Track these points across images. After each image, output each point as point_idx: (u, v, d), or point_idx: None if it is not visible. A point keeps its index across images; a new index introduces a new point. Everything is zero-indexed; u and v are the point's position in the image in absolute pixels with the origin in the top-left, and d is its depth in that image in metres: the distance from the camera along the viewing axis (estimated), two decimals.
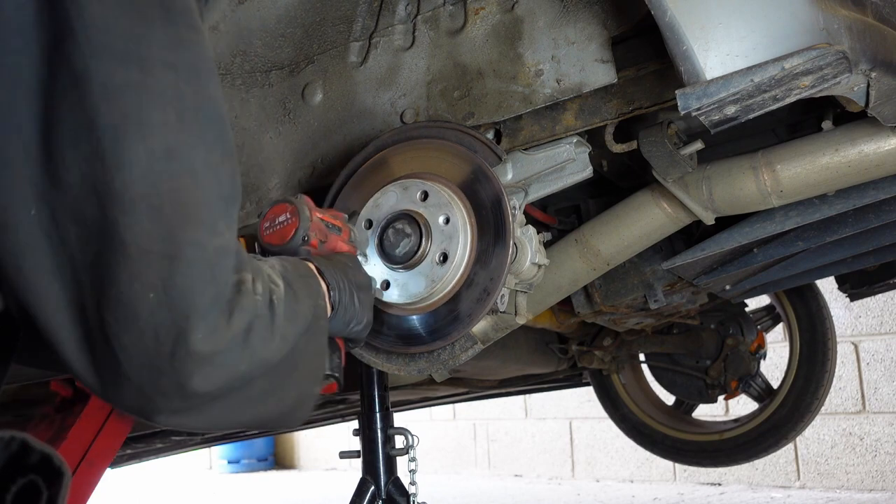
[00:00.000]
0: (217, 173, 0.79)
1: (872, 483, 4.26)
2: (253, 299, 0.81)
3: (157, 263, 0.73)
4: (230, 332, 0.78)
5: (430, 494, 2.45)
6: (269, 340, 0.83)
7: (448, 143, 1.41)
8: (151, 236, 0.73)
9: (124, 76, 0.73)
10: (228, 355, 0.78)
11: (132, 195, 0.72)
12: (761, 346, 2.77)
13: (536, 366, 2.58)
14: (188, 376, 0.75)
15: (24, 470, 0.74)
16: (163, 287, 0.73)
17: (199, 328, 0.75)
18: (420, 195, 1.38)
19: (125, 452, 2.98)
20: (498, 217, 1.34)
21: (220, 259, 0.78)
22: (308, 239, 1.20)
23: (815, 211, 1.61)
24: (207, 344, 0.75)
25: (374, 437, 2.15)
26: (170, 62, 0.76)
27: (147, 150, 0.73)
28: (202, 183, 0.77)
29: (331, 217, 1.28)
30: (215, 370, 0.77)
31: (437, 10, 1.51)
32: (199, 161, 0.77)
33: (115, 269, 0.72)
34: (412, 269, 1.36)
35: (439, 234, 1.35)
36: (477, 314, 1.34)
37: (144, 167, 0.73)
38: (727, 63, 1.10)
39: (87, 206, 0.72)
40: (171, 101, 0.76)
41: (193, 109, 0.78)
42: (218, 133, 0.80)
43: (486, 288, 1.34)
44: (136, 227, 0.72)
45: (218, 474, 7.88)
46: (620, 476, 5.27)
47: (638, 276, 1.98)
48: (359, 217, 1.42)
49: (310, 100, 1.62)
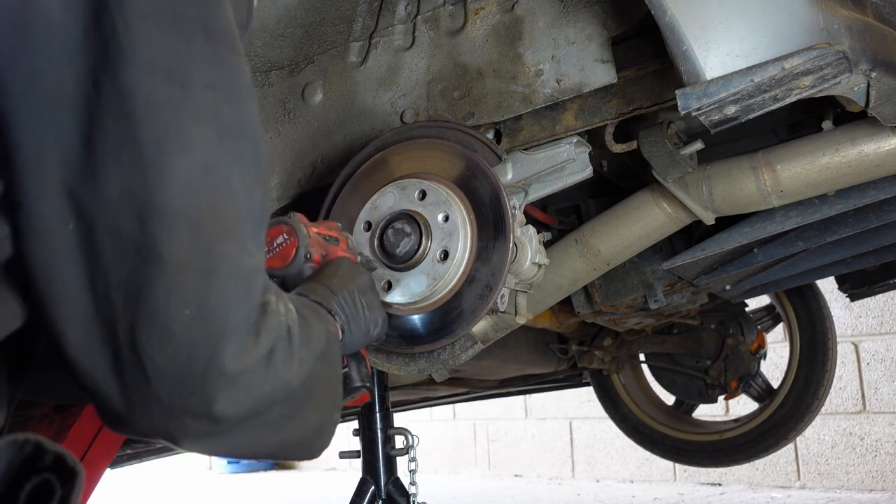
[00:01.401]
0: (251, 194, 0.80)
1: (872, 483, 4.25)
2: (278, 320, 0.82)
3: (194, 278, 0.74)
4: (257, 352, 0.78)
5: (430, 494, 2.45)
6: (290, 362, 0.83)
7: (444, 141, 1.41)
8: (190, 251, 0.74)
9: (167, 93, 0.75)
10: (253, 376, 0.78)
11: (172, 209, 0.73)
12: (761, 346, 2.77)
13: (536, 366, 2.58)
14: (216, 396, 0.76)
15: (39, 470, 0.74)
16: (198, 303, 0.74)
17: (231, 346, 0.75)
18: (418, 194, 1.38)
19: (125, 452, 2.98)
20: (497, 213, 1.34)
21: (253, 278, 0.79)
22: (310, 256, 1.19)
23: (815, 211, 1.61)
24: (236, 363, 0.76)
25: (374, 437, 2.15)
26: (210, 82, 0.78)
27: (187, 165, 0.74)
28: (237, 201, 0.78)
29: (326, 229, 1.27)
30: (241, 390, 0.77)
31: (437, 10, 1.51)
32: (235, 179, 0.78)
33: (152, 284, 0.73)
34: (413, 268, 1.36)
35: (439, 231, 1.35)
36: (480, 310, 1.34)
37: (185, 182, 0.74)
38: (727, 63, 1.10)
39: (126, 220, 0.72)
40: (211, 120, 0.77)
41: (232, 129, 0.79)
42: (254, 154, 0.82)
43: (488, 284, 1.33)
44: (174, 241, 0.73)
45: (218, 474, 7.88)
46: (620, 476, 5.27)
47: (638, 276, 1.98)
48: (357, 219, 1.42)
49: (310, 100, 1.62)
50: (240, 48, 0.83)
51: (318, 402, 0.93)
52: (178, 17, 0.77)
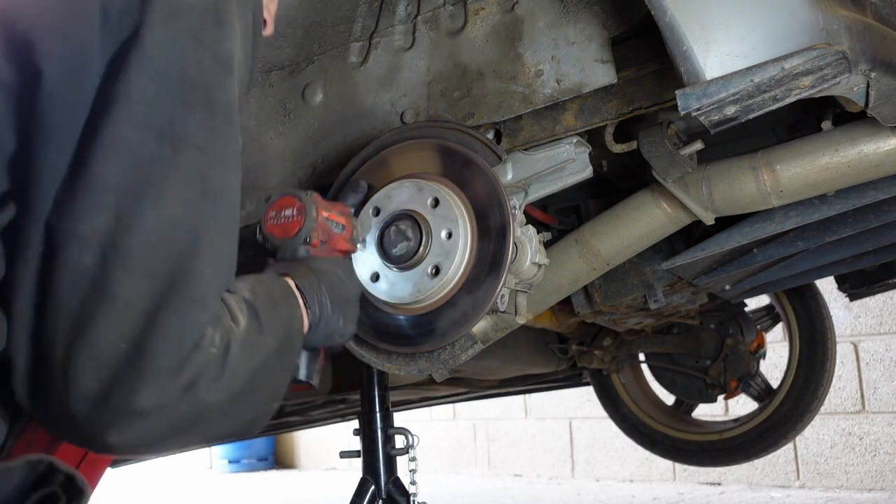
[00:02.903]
0: (219, 255, 0.87)
1: (872, 483, 4.26)
2: (207, 355, 0.85)
3: (137, 318, 0.79)
4: (176, 385, 0.82)
5: (430, 494, 2.45)
6: (216, 381, 0.86)
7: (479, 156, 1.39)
8: (140, 295, 0.80)
9: (157, 150, 0.81)
10: (168, 406, 0.82)
11: (135, 256, 0.80)
12: (761, 345, 2.77)
13: (536, 366, 2.58)
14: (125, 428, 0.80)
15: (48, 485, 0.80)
16: (135, 342, 0.79)
17: (150, 386, 0.80)
18: (431, 201, 1.37)
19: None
20: (499, 248, 1.33)
21: (192, 330, 0.83)
22: (310, 240, 1.22)
23: (814, 211, 1.61)
24: (149, 400, 0.80)
25: (374, 436, 2.15)
26: (201, 146, 0.84)
27: (157, 219, 0.81)
28: (199, 260, 0.84)
29: (337, 214, 1.28)
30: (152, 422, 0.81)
31: (438, 11, 1.51)
32: (200, 239, 0.84)
33: (99, 317, 0.78)
34: (403, 271, 1.37)
35: (439, 246, 1.35)
36: (450, 337, 1.36)
37: (151, 234, 0.81)
38: (727, 63, 1.10)
39: (88, 257, 0.79)
40: (192, 181, 0.84)
41: (215, 192, 0.85)
42: (230, 217, 0.88)
43: (466, 313, 1.34)
44: (128, 284, 0.79)
45: (218, 474, 7.87)
46: (620, 476, 5.27)
47: (638, 276, 1.98)
48: (369, 202, 1.42)
49: (310, 100, 1.63)
50: (235, 119, 0.89)
51: (260, 396, 0.97)
52: (185, 84, 0.84)
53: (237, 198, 0.90)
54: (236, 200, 0.89)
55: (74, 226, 0.79)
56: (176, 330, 0.81)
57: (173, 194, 0.82)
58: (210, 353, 0.85)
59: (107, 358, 0.78)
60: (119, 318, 0.79)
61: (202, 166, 0.84)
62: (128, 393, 0.79)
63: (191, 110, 0.84)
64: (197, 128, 0.84)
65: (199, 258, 0.84)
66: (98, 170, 0.80)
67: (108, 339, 0.78)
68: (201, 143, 0.84)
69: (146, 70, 0.81)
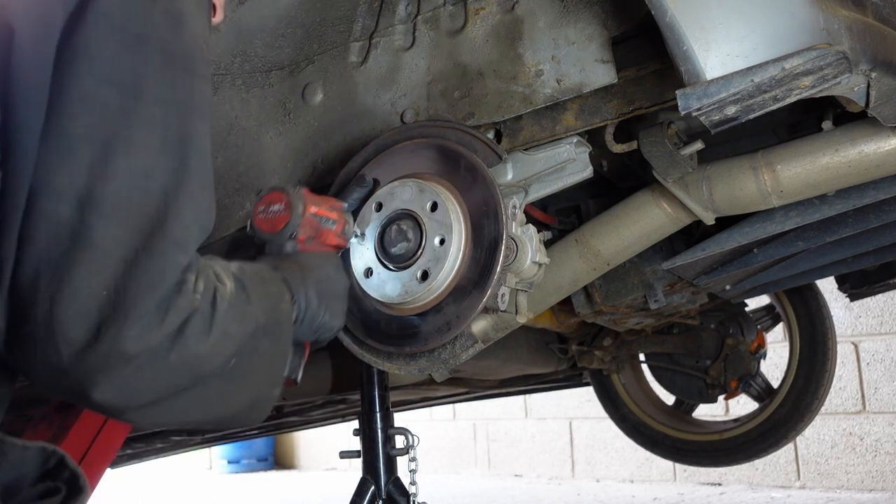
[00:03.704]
0: (194, 200, 0.89)
1: (872, 483, 4.26)
2: (190, 298, 0.87)
3: (116, 265, 0.82)
4: (162, 330, 0.84)
5: (430, 494, 2.45)
6: (205, 334, 0.88)
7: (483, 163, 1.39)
8: (118, 241, 0.82)
9: (121, 101, 0.85)
10: (157, 352, 0.84)
11: (110, 203, 0.82)
12: (761, 345, 2.77)
13: (536, 366, 2.58)
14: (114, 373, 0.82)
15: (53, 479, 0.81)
16: (115, 288, 0.81)
17: (134, 328, 0.82)
18: (430, 204, 1.36)
19: (125, 452, 2.98)
20: (489, 261, 1.32)
21: (171, 270, 0.86)
22: (295, 235, 1.23)
23: (815, 211, 1.61)
24: (137, 343, 0.82)
25: (374, 436, 2.15)
26: (162, 97, 0.88)
27: (129, 166, 0.84)
28: (176, 205, 0.87)
29: (328, 209, 1.29)
30: (142, 367, 0.83)
31: (438, 11, 1.51)
32: (174, 185, 0.87)
33: (78, 266, 0.81)
34: (395, 272, 1.37)
35: (431, 251, 1.35)
36: (432, 342, 1.36)
37: (124, 180, 0.84)
38: (727, 63, 1.10)
39: (65, 208, 0.81)
40: (158, 130, 0.87)
41: (177, 139, 0.88)
42: (199, 164, 0.90)
43: (449, 322, 1.34)
44: (106, 231, 0.82)
45: (218, 474, 7.87)
46: (620, 476, 5.27)
47: (638, 276, 1.98)
48: (373, 196, 1.42)
49: (310, 100, 1.62)
50: (198, 70, 0.93)
51: (255, 379, 0.99)
52: (141, 39, 0.88)
53: (206, 145, 0.92)
54: (206, 147, 0.92)
55: (49, 179, 0.82)
56: (155, 270, 0.83)
57: (141, 142, 0.85)
58: (194, 299, 0.87)
59: (90, 306, 0.80)
60: (98, 265, 0.81)
61: (166, 115, 0.87)
62: (114, 336, 0.81)
63: (149, 63, 0.87)
64: (157, 79, 0.87)
65: (175, 203, 0.86)
66: (66, 123, 0.83)
67: (89, 286, 0.80)
68: (163, 94, 0.87)
69: (103, 27, 0.85)
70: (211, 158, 0.94)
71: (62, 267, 0.80)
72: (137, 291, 0.82)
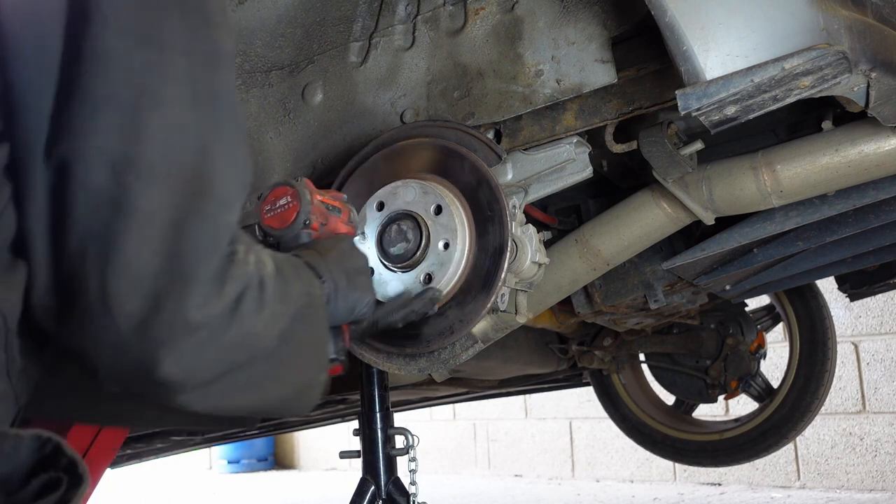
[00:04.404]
0: (232, 155, 0.84)
1: (872, 483, 4.25)
2: (245, 269, 0.84)
3: (165, 230, 0.77)
4: (221, 301, 0.81)
5: (430, 494, 2.45)
6: (259, 312, 0.85)
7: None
8: (162, 203, 0.77)
9: (143, 56, 0.79)
10: (217, 324, 0.81)
11: (147, 163, 0.77)
12: (761, 345, 2.77)
13: (536, 366, 2.58)
14: (180, 345, 0.78)
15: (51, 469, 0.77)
16: (168, 254, 0.77)
17: (196, 296, 0.78)
18: (434, 207, 1.36)
19: (125, 452, 2.98)
20: (493, 267, 1.32)
21: (223, 233, 0.82)
22: (309, 222, 1.21)
23: (815, 211, 1.61)
24: (200, 312, 0.78)
25: (374, 437, 2.15)
26: (185, 48, 0.82)
27: (162, 123, 0.78)
28: (215, 161, 0.82)
29: (331, 198, 1.28)
30: (204, 340, 0.80)
31: (437, 11, 1.51)
32: (211, 140, 0.82)
33: (125, 234, 0.76)
34: (397, 272, 1.37)
35: (434, 254, 1.35)
36: (435, 344, 1.36)
37: (159, 139, 0.78)
38: (727, 63, 1.10)
39: (100, 174, 0.76)
40: (186, 83, 0.81)
41: (207, 92, 0.83)
42: (231, 117, 0.85)
43: (452, 326, 1.34)
44: (148, 194, 0.77)
45: (218, 474, 7.87)
46: (620, 476, 5.27)
47: (638, 276, 1.98)
48: (373, 196, 1.42)
49: (310, 100, 1.62)
50: (217, 20, 0.87)
51: (298, 363, 0.96)
52: None
53: (234, 97, 0.88)
54: (235, 102, 0.88)
55: (78, 145, 0.77)
56: (208, 233, 0.80)
57: (170, 97, 0.80)
58: (248, 271, 0.84)
59: (144, 275, 0.76)
60: (147, 232, 0.76)
61: (192, 67, 0.82)
62: (176, 305, 0.77)
63: (167, 15, 0.82)
64: (177, 31, 0.82)
65: (215, 159, 0.82)
66: (88, 84, 0.77)
67: (140, 255, 0.76)
68: (184, 45, 0.82)
69: None
70: (240, 111, 0.89)
71: (108, 237, 0.76)
72: (194, 257, 0.78)
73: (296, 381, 0.97)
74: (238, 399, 0.90)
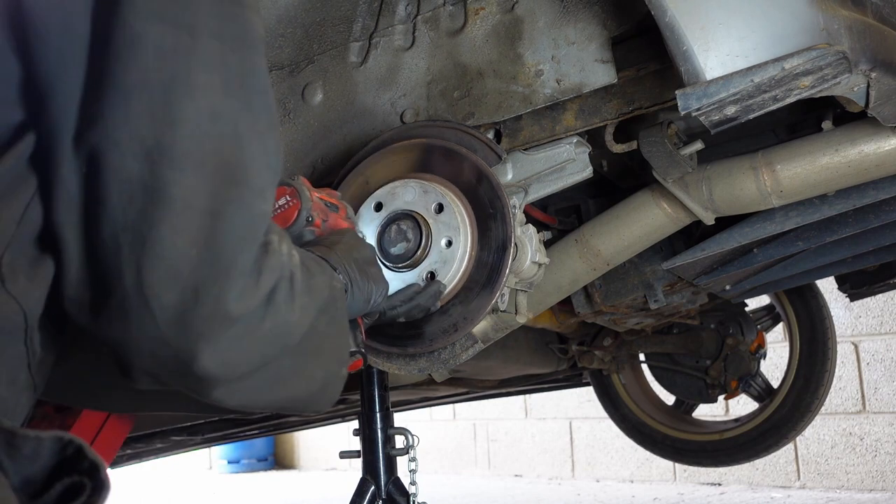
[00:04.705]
0: (264, 141, 0.82)
1: (872, 483, 4.25)
2: (279, 259, 0.83)
3: (201, 219, 0.75)
4: (259, 292, 0.80)
5: (430, 494, 2.45)
6: (292, 303, 0.84)
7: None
8: (198, 192, 0.75)
9: (175, 40, 0.77)
10: (254, 317, 0.80)
11: (181, 151, 0.75)
12: (761, 345, 2.77)
13: (536, 366, 2.58)
14: (220, 338, 0.77)
15: (73, 473, 0.74)
16: (206, 244, 0.75)
17: (235, 288, 0.77)
18: (435, 206, 1.36)
19: (125, 452, 2.98)
20: (496, 264, 1.33)
21: (260, 222, 0.81)
22: (312, 219, 1.21)
23: (815, 211, 1.61)
24: (239, 304, 0.77)
25: (374, 437, 2.15)
26: (216, 32, 0.80)
27: (195, 110, 0.76)
28: (248, 148, 0.80)
29: (327, 196, 1.28)
30: (242, 332, 0.79)
31: (437, 11, 1.51)
32: (244, 127, 0.80)
33: (161, 224, 0.74)
34: (398, 272, 1.36)
35: (437, 253, 1.34)
36: (438, 342, 1.36)
37: (193, 125, 0.76)
38: (727, 63, 1.10)
39: (134, 162, 0.74)
40: (218, 68, 0.79)
41: (239, 77, 0.81)
42: (263, 103, 0.83)
43: (456, 324, 1.34)
44: (183, 183, 0.75)
45: (218, 474, 7.87)
46: (620, 476, 5.27)
47: (638, 276, 1.98)
48: (370, 197, 1.41)
49: (310, 100, 1.62)
50: (248, 2, 0.85)
51: (323, 357, 0.95)
52: None
53: (267, 83, 0.85)
54: (267, 85, 0.85)
55: (110, 133, 0.74)
56: (244, 222, 0.78)
57: (204, 82, 0.77)
58: (283, 262, 0.83)
59: (181, 266, 0.74)
60: (183, 222, 0.74)
61: (223, 52, 0.80)
62: (216, 297, 0.76)
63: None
64: (208, 14, 0.79)
65: (249, 146, 0.80)
66: (120, 70, 0.75)
67: (176, 245, 0.74)
68: (215, 29, 0.79)
69: None
70: (271, 96, 0.86)
71: (142, 227, 0.73)
72: (232, 247, 0.77)
73: (320, 376, 0.96)
74: (268, 394, 0.89)
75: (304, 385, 0.94)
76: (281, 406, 0.96)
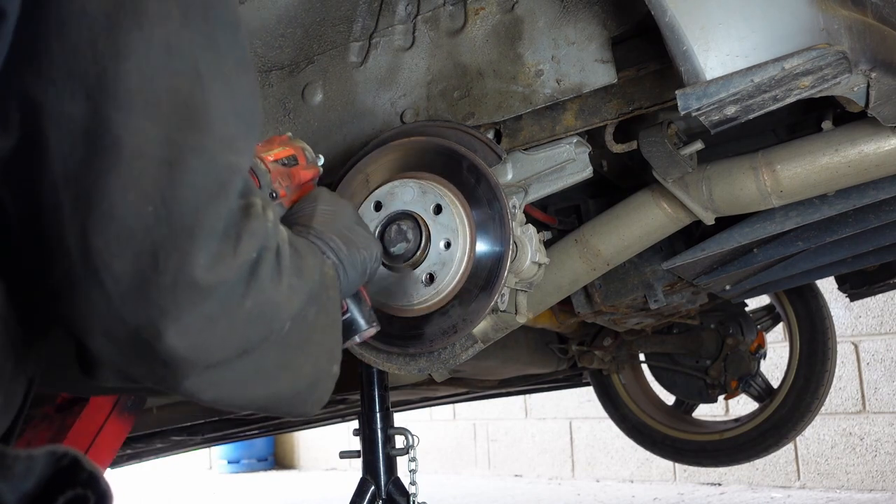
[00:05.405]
0: (229, 83, 0.71)
1: (872, 483, 4.26)
2: (263, 225, 0.71)
3: (155, 169, 0.64)
4: (236, 260, 0.68)
5: (430, 494, 2.45)
6: (278, 280, 0.73)
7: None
8: (149, 137, 0.64)
9: None
10: (233, 289, 0.68)
11: (127, 88, 0.64)
12: (761, 345, 2.77)
13: (536, 366, 2.59)
14: (186, 313, 0.65)
15: (74, 484, 0.67)
16: (162, 199, 0.64)
17: (203, 252, 0.65)
18: (434, 207, 1.36)
19: (125, 452, 2.98)
20: (495, 265, 1.32)
21: (229, 175, 0.69)
22: (276, 194, 1.07)
23: (815, 211, 1.61)
24: (210, 273, 0.65)
25: (374, 437, 2.15)
26: None
27: (144, 41, 0.65)
28: (210, 89, 0.68)
29: (280, 149, 1.15)
30: (217, 306, 0.67)
31: (438, 10, 1.51)
32: (204, 64, 0.68)
33: (107, 176, 0.63)
34: (397, 272, 1.36)
35: (436, 254, 1.34)
36: (438, 343, 1.36)
37: (141, 58, 0.65)
38: (727, 63, 1.10)
39: (74, 104, 0.63)
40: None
41: (200, 7, 0.69)
42: (230, 39, 0.72)
43: (455, 325, 1.34)
44: (131, 125, 0.63)
45: (218, 474, 7.87)
46: (620, 476, 5.27)
47: (638, 276, 1.98)
48: (370, 196, 1.41)
49: (310, 100, 1.62)
50: None
51: (312, 351, 0.84)
52: None
53: (237, 17, 0.73)
54: (236, 20, 0.73)
55: (45, 70, 0.63)
56: (209, 174, 0.66)
57: (156, 10, 0.66)
58: (267, 228, 0.71)
59: (134, 226, 0.62)
60: (133, 172, 0.63)
61: None
62: (179, 263, 0.64)
63: None
64: None
65: (211, 87, 0.68)
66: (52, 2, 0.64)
67: (127, 201, 0.62)
68: None
69: None
70: (243, 40, 0.74)
71: (87, 180, 0.62)
72: (194, 202, 0.65)
73: (308, 373, 0.85)
74: (249, 389, 0.78)
75: (290, 381, 0.82)
76: (263, 405, 0.84)
